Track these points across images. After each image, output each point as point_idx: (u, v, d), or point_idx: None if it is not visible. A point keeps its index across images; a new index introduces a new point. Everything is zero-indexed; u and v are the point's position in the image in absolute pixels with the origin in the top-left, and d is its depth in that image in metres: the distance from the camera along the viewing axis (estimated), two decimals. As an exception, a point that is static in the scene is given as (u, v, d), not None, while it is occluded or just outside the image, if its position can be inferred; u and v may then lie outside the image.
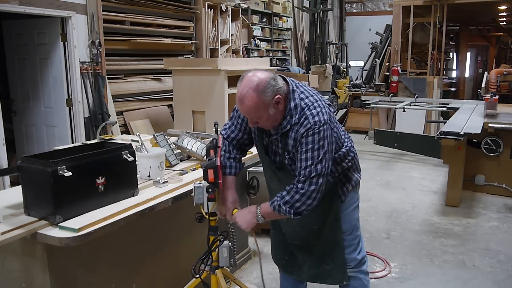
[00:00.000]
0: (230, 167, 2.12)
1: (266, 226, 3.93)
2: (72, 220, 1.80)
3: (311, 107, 1.89)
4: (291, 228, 2.23)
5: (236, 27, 7.74)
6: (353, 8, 14.17)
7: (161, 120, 5.95)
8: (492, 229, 4.20)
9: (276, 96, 1.83)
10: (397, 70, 8.90)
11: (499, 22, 11.86)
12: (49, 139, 5.07)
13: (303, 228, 2.18)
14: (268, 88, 1.81)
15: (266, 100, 1.81)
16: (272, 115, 1.87)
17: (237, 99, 1.86)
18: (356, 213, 2.25)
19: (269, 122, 1.91)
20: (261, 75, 1.83)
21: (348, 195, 2.17)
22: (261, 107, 1.82)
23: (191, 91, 4.53)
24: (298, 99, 1.91)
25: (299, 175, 1.87)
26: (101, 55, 5.03)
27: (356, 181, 2.21)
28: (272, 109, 1.85)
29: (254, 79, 1.81)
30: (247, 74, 1.85)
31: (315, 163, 1.85)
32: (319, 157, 1.85)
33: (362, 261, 2.29)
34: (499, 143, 5.01)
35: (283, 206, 1.89)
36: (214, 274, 2.20)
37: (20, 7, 4.17)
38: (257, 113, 1.84)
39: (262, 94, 1.79)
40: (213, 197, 1.93)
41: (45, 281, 1.90)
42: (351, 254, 2.23)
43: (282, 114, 1.90)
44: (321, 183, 1.87)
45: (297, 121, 1.88)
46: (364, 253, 2.33)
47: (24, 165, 1.84)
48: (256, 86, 1.80)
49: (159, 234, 2.54)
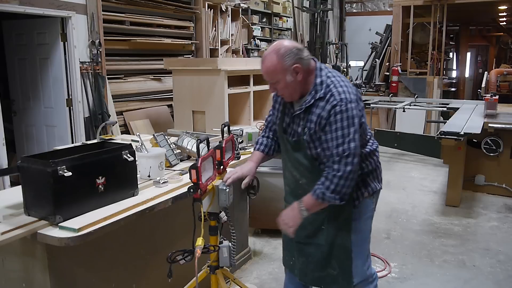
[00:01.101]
0: (260, 144, 2.27)
1: (266, 226, 3.95)
2: (72, 220, 1.80)
3: (337, 85, 1.91)
4: (300, 224, 2.12)
5: (236, 27, 7.74)
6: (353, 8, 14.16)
7: (161, 120, 5.95)
8: (492, 229, 4.20)
9: (295, 64, 1.87)
10: (397, 70, 8.91)
11: (499, 22, 11.86)
12: (49, 139, 5.07)
13: (312, 226, 2.13)
14: (289, 54, 1.86)
15: (285, 65, 1.87)
16: (289, 83, 1.90)
17: (261, 61, 1.94)
18: (368, 224, 2.16)
19: (286, 91, 1.95)
20: (286, 43, 1.91)
21: (362, 202, 2.09)
22: (279, 71, 1.88)
23: (191, 91, 4.53)
24: (325, 77, 1.94)
25: (332, 156, 1.86)
26: (101, 55, 5.03)
27: (374, 189, 2.13)
28: (289, 76, 1.89)
29: (279, 44, 1.91)
30: (276, 41, 1.98)
31: (346, 141, 1.84)
32: (349, 135, 1.85)
33: (370, 279, 2.20)
34: (499, 143, 5.01)
35: (327, 193, 1.87)
36: (214, 274, 2.20)
37: (20, 7, 4.17)
38: (274, 75, 1.90)
39: (281, 58, 1.86)
40: (197, 197, 1.91)
41: (45, 281, 1.90)
42: (358, 267, 2.12)
43: (301, 86, 1.94)
44: (356, 162, 1.86)
45: (322, 95, 1.90)
46: (372, 271, 2.24)
47: (24, 165, 1.83)
48: (278, 50, 1.87)
49: (159, 234, 2.54)
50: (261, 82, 4.96)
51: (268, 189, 3.77)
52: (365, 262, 2.18)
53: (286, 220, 2.03)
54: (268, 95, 5.07)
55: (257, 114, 5.01)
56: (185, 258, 2.02)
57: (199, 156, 1.91)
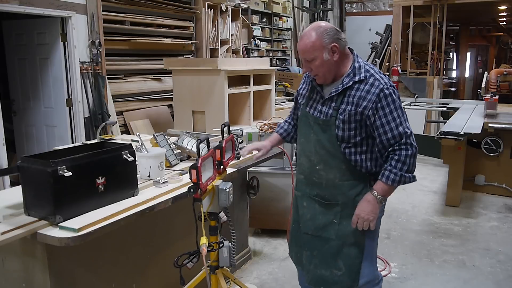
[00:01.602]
0: (280, 127, 2.40)
1: (266, 226, 3.95)
2: (72, 220, 1.80)
3: (376, 72, 1.97)
4: (310, 214, 2.13)
5: (236, 27, 7.74)
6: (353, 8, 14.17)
7: (161, 120, 5.95)
8: (492, 229, 4.20)
9: (333, 43, 1.92)
10: (397, 70, 8.90)
11: (499, 22, 11.86)
12: (49, 139, 5.07)
13: (324, 216, 2.08)
14: (328, 33, 1.92)
15: (323, 43, 1.91)
16: (326, 61, 1.93)
17: (299, 39, 2.00)
18: (378, 223, 2.11)
19: (321, 69, 1.96)
20: (325, 24, 1.98)
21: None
22: (317, 48, 1.91)
23: (191, 91, 4.53)
24: (363, 63, 2.00)
25: (395, 138, 1.90)
26: (101, 55, 5.03)
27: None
28: (326, 54, 1.92)
29: (318, 23, 1.98)
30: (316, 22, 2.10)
31: (403, 120, 1.92)
32: (403, 115, 1.93)
33: (376, 280, 2.17)
34: (499, 143, 5.01)
35: (405, 174, 1.92)
36: (214, 274, 2.20)
37: (20, 7, 4.17)
38: (312, 52, 1.93)
39: (320, 35, 1.91)
40: (198, 197, 1.92)
41: (45, 281, 1.90)
42: (366, 267, 2.09)
43: (338, 67, 1.97)
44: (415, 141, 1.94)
45: (362, 78, 1.94)
46: (379, 273, 2.22)
47: (24, 165, 1.83)
48: (317, 28, 1.93)
49: (159, 234, 2.54)
50: (261, 82, 4.97)
51: (268, 189, 3.78)
52: (374, 263, 2.17)
53: (365, 214, 1.97)
54: (268, 95, 5.08)
55: (257, 114, 5.01)
56: (191, 260, 2.02)
57: (199, 156, 1.91)
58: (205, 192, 1.95)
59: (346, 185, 2.02)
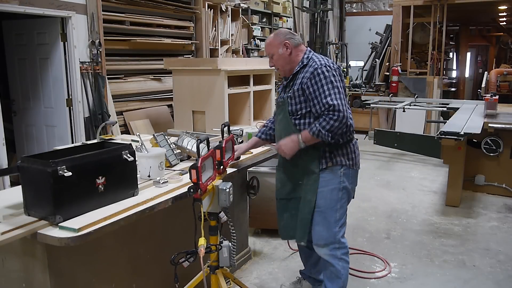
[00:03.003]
0: (259, 132, 2.82)
1: (266, 226, 3.95)
2: (72, 220, 1.80)
3: (319, 57, 2.45)
4: (281, 183, 2.61)
5: (236, 27, 7.74)
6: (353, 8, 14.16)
7: (161, 120, 5.95)
8: (492, 229, 4.20)
9: (285, 41, 2.46)
10: (397, 70, 8.90)
11: (499, 22, 11.86)
12: (49, 139, 5.07)
13: (291, 182, 2.55)
14: (281, 34, 2.50)
15: (278, 41, 2.47)
16: (280, 55, 2.47)
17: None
18: (335, 195, 2.43)
19: (279, 63, 2.50)
20: (284, 29, 2.75)
21: (326, 171, 2.41)
22: (274, 45, 2.48)
23: (191, 91, 4.53)
24: (312, 55, 2.48)
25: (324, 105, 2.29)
26: (101, 55, 5.03)
27: (340, 163, 2.41)
28: (281, 49, 2.46)
29: (278, 29, 2.62)
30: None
31: (332, 93, 2.29)
32: (333, 88, 2.30)
33: (337, 245, 2.45)
34: (499, 143, 5.01)
35: (323, 130, 2.28)
36: (214, 274, 2.20)
37: (20, 7, 4.17)
38: (270, 49, 2.50)
39: (275, 36, 2.50)
40: (198, 197, 1.91)
41: (45, 281, 1.90)
42: (324, 231, 2.42)
43: (292, 60, 2.47)
44: (344, 112, 2.27)
45: (306, 63, 2.43)
46: (343, 240, 2.48)
47: (24, 165, 1.83)
48: (275, 32, 2.55)
49: (159, 234, 2.54)
50: (261, 82, 4.97)
51: (268, 189, 3.77)
52: (332, 228, 2.44)
53: (285, 148, 2.43)
54: (268, 95, 5.08)
55: (257, 114, 5.01)
56: (188, 259, 2.02)
57: (199, 156, 1.91)
58: (205, 192, 1.95)
59: (302, 155, 2.42)
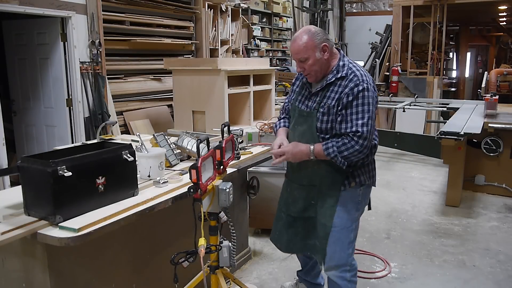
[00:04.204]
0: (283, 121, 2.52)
1: (266, 226, 3.95)
2: (72, 220, 1.80)
3: (359, 69, 2.18)
4: (292, 198, 2.41)
5: (236, 27, 7.74)
6: (353, 8, 14.16)
7: (161, 120, 5.95)
8: (492, 229, 4.20)
9: (323, 43, 2.14)
10: (397, 70, 8.90)
11: (499, 22, 11.86)
12: (49, 139, 5.07)
13: (304, 201, 2.35)
14: (318, 34, 2.14)
15: (315, 43, 2.13)
16: (318, 60, 2.14)
17: (291, 41, 2.20)
18: (352, 214, 2.29)
19: (313, 68, 2.16)
20: (314, 27, 2.20)
21: (348, 191, 2.25)
22: (310, 48, 2.12)
23: (191, 91, 4.53)
24: (347, 62, 2.21)
25: (352, 127, 2.09)
26: (101, 55, 5.03)
27: (362, 183, 2.26)
28: (318, 53, 2.14)
29: (308, 27, 2.19)
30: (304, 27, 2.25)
31: (366, 116, 2.08)
32: (369, 112, 2.10)
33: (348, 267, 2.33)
34: (499, 143, 5.01)
35: (339, 156, 2.10)
36: (214, 274, 2.20)
37: (20, 7, 4.17)
38: (305, 52, 2.13)
39: (312, 36, 2.13)
40: (198, 197, 1.92)
41: (45, 281, 1.90)
42: (336, 252, 2.28)
43: (327, 65, 2.18)
44: (370, 137, 2.11)
45: (344, 75, 2.15)
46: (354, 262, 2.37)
47: (24, 165, 1.83)
48: (308, 30, 2.15)
49: (159, 234, 2.54)
50: (261, 82, 4.96)
51: (268, 189, 3.78)
52: (346, 250, 2.32)
53: (289, 156, 2.21)
54: (268, 95, 5.07)
55: (257, 114, 5.01)
56: (188, 259, 2.02)
57: (199, 156, 1.91)
58: (205, 192, 1.95)
59: (323, 169, 2.23)
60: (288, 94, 2.51)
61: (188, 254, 2.02)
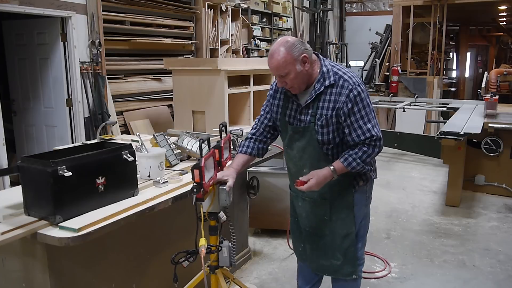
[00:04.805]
0: (244, 146, 2.31)
1: (266, 226, 3.95)
2: (72, 220, 1.80)
3: (345, 71, 2.07)
4: (305, 213, 2.30)
5: (236, 27, 7.74)
6: (353, 8, 14.16)
7: (161, 120, 5.95)
8: (492, 229, 4.20)
9: (303, 54, 1.99)
10: (397, 70, 8.90)
11: (499, 22, 11.85)
12: (49, 139, 5.07)
13: (315, 216, 2.26)
14: (296, 46, 1.98)
15: (294, 56, 1.97)
16: (299, 73, 2.00)
17: (268, 57, 2.03)
18: (362, 210, 2.26)
19: (296, 81, 2.03)
20: (290, 38, 2.04)
21: (358, 190, 2.21)
22: (289, 62, 1.97)
23: (191, 91, 4.53)
24: (329, 66, 2.09)
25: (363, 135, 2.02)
26: (101, 55, 5.03)
27: (369, 178, 2.24)
28: (299, 66, 1.99)
29: (284, 39, 2.02)
30: (278, 38, 2.10)
31: (371, 118, 2.04)
32: (371, 112, 2.05)
33: (361, 261, 2.34)
34: (499, 143, 5.01)
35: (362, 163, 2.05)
36: (214, 274, 2.20)
37: (20, 7, 4.17)
38: (285, 67, 1.98)
39: (290, 49, 1.97)
40: (200, 197, 1.92)
41: (45, 281, 1.90)
42: (360, 250, 2.29)
43: (310, 76, 2.06)
44: (381, 142, 2.07)
45: (333, 82, 2.04)
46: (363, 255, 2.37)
47: (24, 165, 1.83)
48: (285, 43, 1.99)
49: (159, 234, 2.54)
50: (261, 82, 4.97)
51: (268, 189, 3.78)
52: (364, 246, 2.33)
53: (315, 186, 2.05)
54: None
55: (257, 114, 4.98)
56: (188, 259, 2.02)
57: (202, 155, 1.91)
58: (206, 192, 1.95)
59: (333, 183, 2.11)
60: (266, 106, 2.31)
61: (188, 254, 2.02)
